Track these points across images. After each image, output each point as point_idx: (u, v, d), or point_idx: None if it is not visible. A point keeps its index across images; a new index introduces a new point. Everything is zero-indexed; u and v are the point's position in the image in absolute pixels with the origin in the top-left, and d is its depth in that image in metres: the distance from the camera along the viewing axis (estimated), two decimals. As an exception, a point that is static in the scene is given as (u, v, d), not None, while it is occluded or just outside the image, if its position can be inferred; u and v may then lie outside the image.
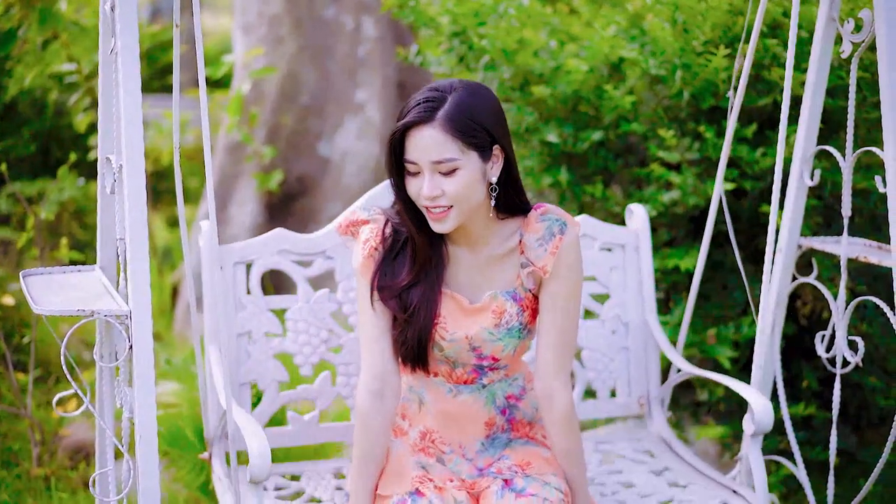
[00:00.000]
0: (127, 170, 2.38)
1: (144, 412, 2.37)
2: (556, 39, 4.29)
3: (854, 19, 2.99)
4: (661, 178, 3.96)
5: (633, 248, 3.48)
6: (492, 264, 2.77)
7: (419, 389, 2.86)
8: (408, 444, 2.84)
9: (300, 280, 3.22)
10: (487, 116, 2.62)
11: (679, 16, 3.91)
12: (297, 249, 3.21)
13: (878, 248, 3.20)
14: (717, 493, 3.09)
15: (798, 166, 3.22)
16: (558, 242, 2.70)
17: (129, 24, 2.41)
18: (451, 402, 2.82)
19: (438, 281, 2.75)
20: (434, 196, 2.59)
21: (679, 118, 4.02)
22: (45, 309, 2.42)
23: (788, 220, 3.27)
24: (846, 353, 3.11)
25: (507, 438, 2.87)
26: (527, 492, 2.66)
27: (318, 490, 3.14)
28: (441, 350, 2.76)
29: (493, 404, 2.84)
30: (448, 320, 2.74)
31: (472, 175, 2.60)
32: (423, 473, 2.74)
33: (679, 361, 3.37)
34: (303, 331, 3.22)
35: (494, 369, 2.82)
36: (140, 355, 2.37)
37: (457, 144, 2.57)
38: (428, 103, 2.59)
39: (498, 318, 2.74)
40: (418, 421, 2.86)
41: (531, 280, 2.76)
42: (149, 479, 2.38)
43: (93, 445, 4.24)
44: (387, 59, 6.08)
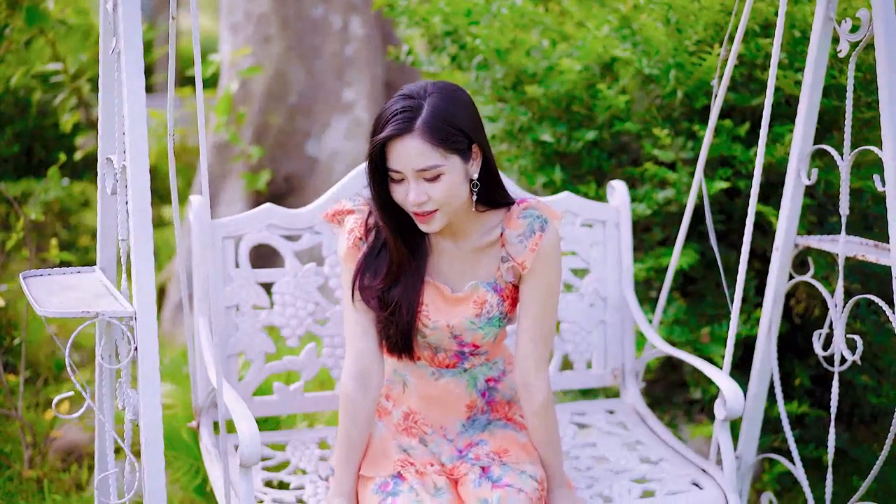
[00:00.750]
0: (131, 170, 2.37)
1: (150, 414, 2.37)
2: (548, 39, 4.29)
3: (851, 19, 3.00)
4: (654, 176, 3.97)
5: (614, 224, 3.55)
6: (474, 255, 2.84)
7: (403, 372, 2.94)
8: (391, 425, 2.92)
9: (288, 254, 3.28)
10: (464, 119, 2.67)
11: (672, 15, 3.92)
12: (285, 224, 3.28)
13: (874, 246, 3.21)
14: (687, 471, 3.17)
15: (795, 165, 3.23)
16: (538, 240, 2.77)
17: (132, 24, 2.40)
18: (434, 385, 2.90)
19: (421, 271, 2.82)
20: (420, 202, 2.65)
21: (672, 117, 4.03)
22: (48, 311, 2.40)
23: (785, 219, 3.28)
24: (844, 351, 3.12)
25: (486, 420, 2.95)
26: (503, 481, 2.72)
27: (303, 461, 3.22)
28: (424, 336, 2.84)
29: (475, 387, 2.93)
30: (430, 308, 2.82)
31: (455, 178, 2.66)
32: (405, 457, 2.82)
33: (654, 338, 3.44)
34: (290, 304, 3.29)
35: (475, 355, 2.90)
36: (145, 356, 2.36)
37: (438, 151, 2.62)
38: (405, 113, 2.62)
39: (479, 308, 2.81)
40: (402, 402, 2.94)
41: (510, 274, 2.83)
42: (155, 481, 2.38)
43: (84, 447, 4.23)
44: (375, 59, 6.07)
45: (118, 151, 2.55)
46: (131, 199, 2.37)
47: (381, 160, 2.68)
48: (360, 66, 5.96)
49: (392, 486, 2.73)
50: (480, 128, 2.73)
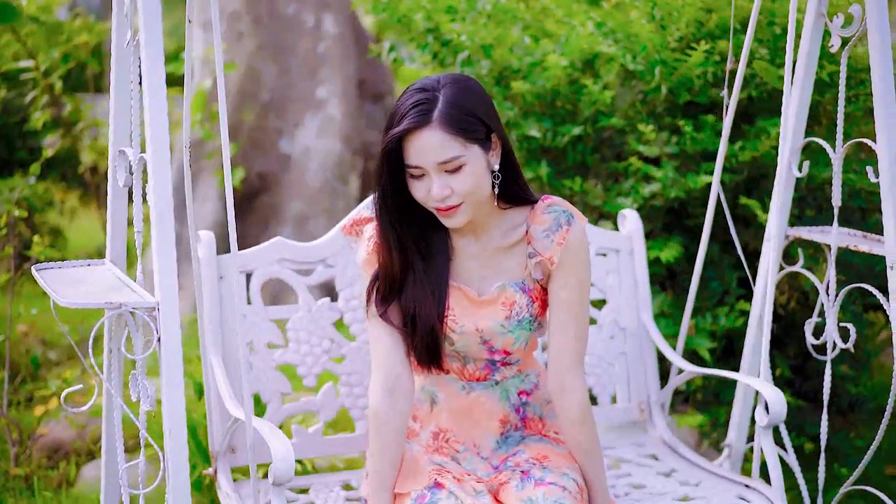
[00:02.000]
0: (153, 161, 2.38)
1: (173, 403, 2.37)
2: (529, 35, 4.34)
3: (844, 14, 3.06)
4: (638, 171, 4.03)
5: (628, 252, 3.51)
6: (498, 256, 2.76)
7: (431, 388, 2.84)
8: (421, 446, 2.82)
9: (301, 289, 3.19)
10: (480, 107, 2.61)
11: (657, 12, 3.98)
12: (296, 258, 3.18)
13: (863, 237, 3.27)
14: (731, 488, 3.12)
15: (786, 158, 3.30)
16: (565, 234, 2.70)
17: (152, 17, 2.40)
18: (465, 399, 2.81)
19: (445, 275, 2.73)
20: (444, 196, 2.58)
21: (655, 113, 4.09)
22: (70, 301, 2.41)
23: (777, 211, 3.34)
24: (837, 339, 3.19)
25: (520, 436, 2.85)
26: (546, 481, 2.63)
27: (329, 502, 3.09)
28: (451, 344, 2.75)
29: (507, 401, 2.83)
30: (457, 313, 2.73)
31: (477, 168, 2.59)
32: (439, 468, 2.71)
33: (680, 363, 3.38)
34: (304, 341, 3.19)
35: (506, 364, 2.81)
36: (168, 346, 2.37)
37: (458, 141, 2.55)
38: (420, 106, 2.56)
39: (508, 310, 2.73)
40: (430, 420, 2.84)
41: (538, 270, 2.74)
42: (179, 472, 2.38)
43: (70, 444, 4.22)
44: (347, 56, 6.09)
45: (134, 144, 2.57)
46: (153, 190, 2.38)
47: (397, 158, 2.61)
48: (333, 64, 5.98)
49: (430, 497, 2.61)
50: (497, 117, 2.67)
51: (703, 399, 4.22)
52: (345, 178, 6.03)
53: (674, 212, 4.14)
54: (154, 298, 2.39)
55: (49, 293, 2.48)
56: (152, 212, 2.39)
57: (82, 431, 4.22)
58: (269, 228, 5.81)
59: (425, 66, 4.53)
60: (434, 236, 2.74)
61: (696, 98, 4.01)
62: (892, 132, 2.94)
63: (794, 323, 4.24)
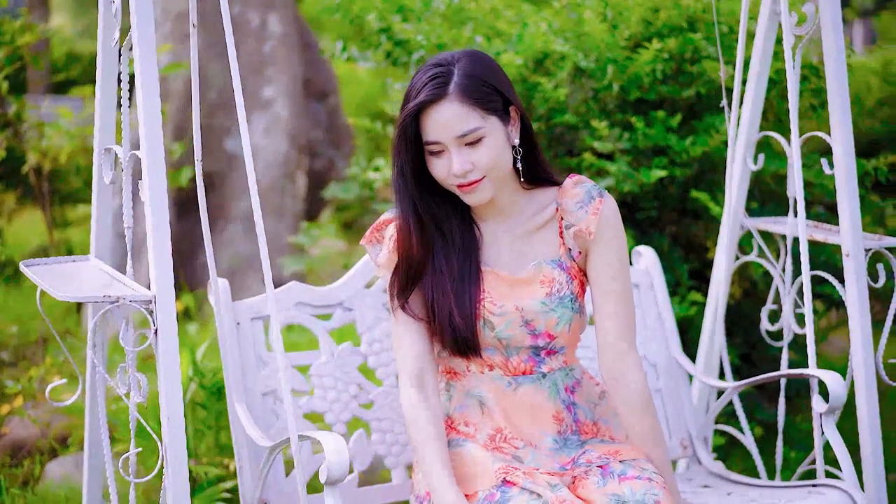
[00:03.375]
0: (148, 158, 2.43)
1: (171, 392, 2.43)
2: (482, 35, 4.44)
3: (797, 13, 3.19)
4: (591, 166, 4.14)
5: (648, 286, 3.43)
6: (530, 237, 2.68)
7: (477, 391, 2.69)
8: (479, 445, 2.65)
9: (321, 334, 3.05)
10: (496, 78, 2.56)
11: (609, 12, 4.11)
12: (313, 302, 3.05)
13: (814, 226, 3.40)
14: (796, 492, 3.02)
15: (742, 152, 3.43)
16: (598, 205, 2.63)
17: (145, 18, 2.46)
18: (512, 396, 2.66)
19: (475, 260, 2.65)
20: (465, 171, 2.51)
21: (607, 110, 4.21)
22: (68, 296, 2.45)
23: (733, 202, 3.47)
24: (794, 325, 3.32)
25: (579, 440, 2.69)
26: (629, 475, 2.52)
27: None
28: (492, 328, 2.62)
29: (557, 396, 2.68)
30: (494, 295, 2.63)
31: (497, 140, 2.54)
32: (506, 465, 2.55)
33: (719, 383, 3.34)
34: (330, 387, 3.05)
35: (551, 353, 2.68)
36: (165, 338, 2.43)
37: (477, 112, 2.50)
38: (437, 79, 2.50)
39: (549, 287, 2.63)
40: (484, 424, 2.68)
41: (576, 242, 2.66)
42: (177, 459, 2.44)
43: (33, 443, 4.24)
44: (293, 56, 6.14)
45: (124, 142, 2.62)
46: (148, 187, 2.43)
47: (415, 137, 2.56)
48: (279, 64, 6.03)
49: (500, 495, 2.48)
50: (514, 90, 2.60)
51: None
52: (292, 176, 6.09)
53: (626, 206, 4.26)
54: (151, 292, 2.45)
55: (45, 289, 2.52)
56: (147, 208, 2.45)
57: (45, 430, 4.23)
58: (218, 226, 5.84)
59: (377, 65, 4.60)
60: (459, 224, 2.67)
61: (645, 95, 4.13)
62: (847, 126, 3.07)
63: (742, 313, 4.39)
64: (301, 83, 6.21)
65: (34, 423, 4.24)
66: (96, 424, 3.00)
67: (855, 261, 3.08)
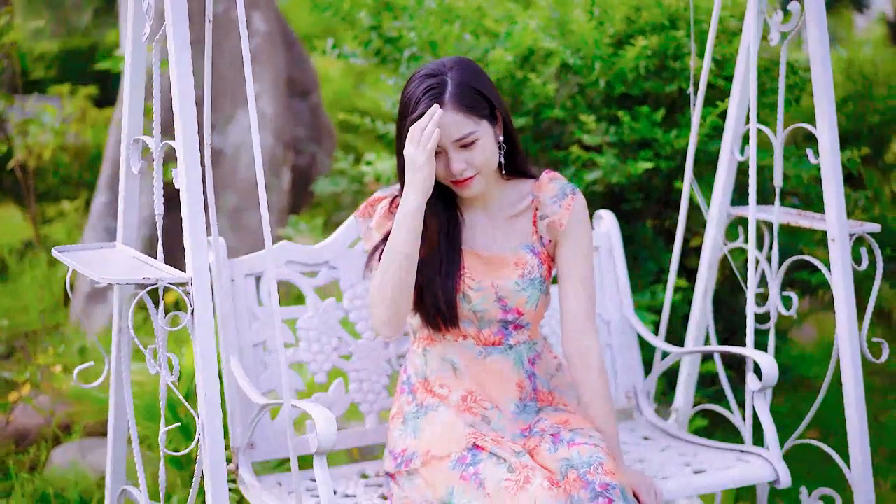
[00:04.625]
0: (183, 147, 2.55)
1: (207, 372, 2.55)
2: (470, 32, 4.59)
3: (783, 11, 3.36)
4: (578, 159, 4.30)
5: (607, 249, 3.69)
6: (507, 223, 3.00)
7: (450, 356, 3.00)
8: (452, 407, 2.96)
9: (308, 290, 3.32)
10: (485, 85, 2.86)
11: (596, 10, 4.27)
12: (302, 260, 3.31)
13: (799, 214, 3.57)
14: (728, 455, 3.32)
15: (729, 143, 3.59)
16: (571, 201, 2.98)
17: (179, 11, 2.59)
18: (483, 364, 2.98)
19: (457, 241, 2.96)
20: (462, 170, 2.82)
21: (593, 105, 4.38)
22: (109, 278, 2.57)
23: (720, 192, 3.64)
24: (780, 307, 3.49)
25: (535, 407, 3.01)
26: (577, 441, 2.82)
27: (350, 488, 3.21)
28: (469, 302, 2.93)
29: (521, 366, 3.01)
30: (472, 272, 2.94)
31: (488, 142, 2.84)
32: (474, 430, 2.88)
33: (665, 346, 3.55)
34: (315, 340, 3.33)
35: (518, 327, 3.00)
36: (201, 319, 2.55)
37: (471, 119, 2.80)
38: (432, 91, 2.80)
39: (521, 269, 2.95)
40: (457, 385, 2.98)
41: (548, 232, 2.99)
42: (214, 435, 2.55)
43: (36, 431, 4.34)
44: (276, 54, 6.25)
45: (155, 133, 2.74)
46: (183, 174, 2.55)
47: None
48: (263, 61, 6.14)
49: (471, 458, 2.79)
50: (498, 94, 2.90)
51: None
52: (277, 171, 6.20)
53: (612, 197, 4.42)
54: (187, 274, 2.57)
55: (85, 273, 2.63)
56: (183, 195, 2.57)
57: (49, 418, 4.33)
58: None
59: (368, 62, 4.73)
60: (445, 208, 2.96)
61: (630, 90, 4.30)
62: (832, 118, 3.24)
63: (722, 299, 4.56)
64: (284, 80, 6.33)
65: (40, 413, 4.33)
66: (122, 405, 3.11)
67: (840, 245, 3.25)
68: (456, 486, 2.77)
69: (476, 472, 2.75)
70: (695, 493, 3.12)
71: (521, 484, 2.67)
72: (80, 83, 7.17)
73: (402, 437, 2.99)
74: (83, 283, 5.78)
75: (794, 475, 4.44)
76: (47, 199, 7.24)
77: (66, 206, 6.53)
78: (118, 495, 3.15)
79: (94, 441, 4.25)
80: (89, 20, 14.05)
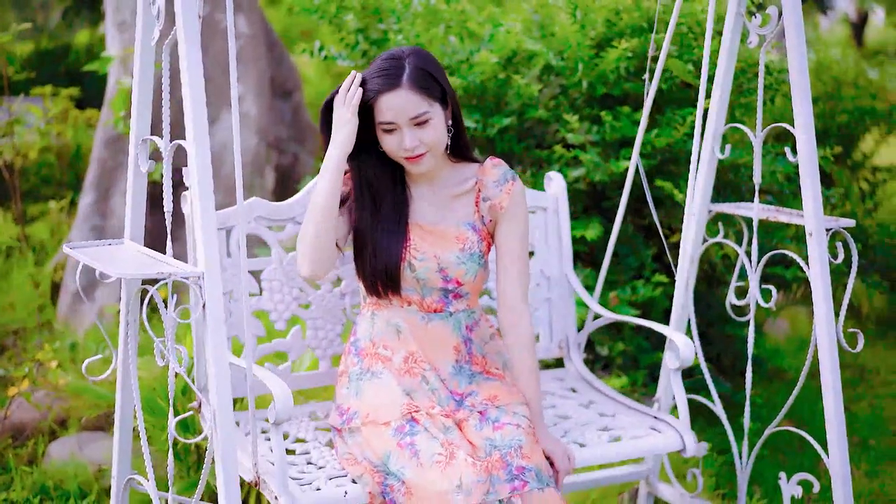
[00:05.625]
0: (195, 147, 2.65)
1: (219, 362, 2.65)
2: (455, 35, 4.71)
3: (762, 15, 3.49)
4: (561, 157, 4.44)
5: (554, 210, 3.91)
6: (451, 201, 3.26)
7: (395, 321, 3.27)
8: (394, 370, 3.22)
9: (274, 244, 3.55)
10: (438, 72, 3.14)
11: (578, 13, 4.41)
12: (270, 216, 3.53)
13: (777, 210, 3.71)
14: (643, 420, 3.59)
15: (710, 142, 3.72)
16: (511, 186, 3.25)
17: (191, 15, 2.68)
18: (425, 328, 3.26)
19: (405, 216, 3.23)
20: (414, 146, 3.08)
21: (575, 105, 4.51)
22: (124, 273, 2.68)
23: (701, 189, 3.76)
24: (760, 300, 3.62)
25: (469, 370, 3.28)
26: (501, 421, 3.10)
27: (301, 432, 3.47)
28: (413, 270, 3.20)
29: (459, 332, 3.28)
30: (417, 243, 3.21)
31: (439, 122, 3.12)
32: (409, 401, 3.14)
33: (598, 309, 3.84)
34: (277, 290, 3.57)
35: (458, 296, 3.27)
36: (213, 311, 2.65)
37: (425, 99, 3.07)
38: (391, 70, 3.07)
39: (462, 244, 3.22)
40: (400, 347, 3.25)
41: (489, 213, 3.25)
42: (225, 422, 2.66)
43: (33, 426, 4.42)
44: (260, 56, 6.34)
45: (165, 133, 2.85)
46: (196, 173, 2.65)
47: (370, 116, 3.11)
48: (247, 63, 6.22)
49: (408, 428, 3.04)
50: (449, 83, 3.18)
51: (623, 363, 4.64)
52: (261, 171, 6.30)
53: (594, 194, 4.55)
54: (200, 268, 2.67)
55: (99, 268, 2.73)
56: (194, 192, 2.67)
57: (46, 412, 4.42)
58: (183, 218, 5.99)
59: (355, 63, 4.85)
60: (393, 183, 3.25)
61: (611, 91, 4.44)
62: (809, 117, 3.37)
63: (699, 293, 4.70)
64: (268, 81, 6.42)
65: (37, 408, 4.42)
66: (129, 396, 3.20)
67: (818, 239, 3.37)
68: (393, 452, 3.01)
69: (412, 441, 3.01)
70: (608, 460, 3.38)
71: (448, 459, 2.94)
72: (55, 84, 7.22)
73: (347, 396, 3.24)
74: (70, 282, 5.86)
75: (770, 463, 4.63)
76: (28, 199, 7.31)
77: (52, 206, 6.59)
78: (124, 484, 3.25)
79: (90, 435, 4.34)
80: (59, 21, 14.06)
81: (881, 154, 8.18)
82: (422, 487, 2.91)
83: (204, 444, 3.85)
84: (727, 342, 4.83)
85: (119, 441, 3.28)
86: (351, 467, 3.09)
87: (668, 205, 4.53)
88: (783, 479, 3.58)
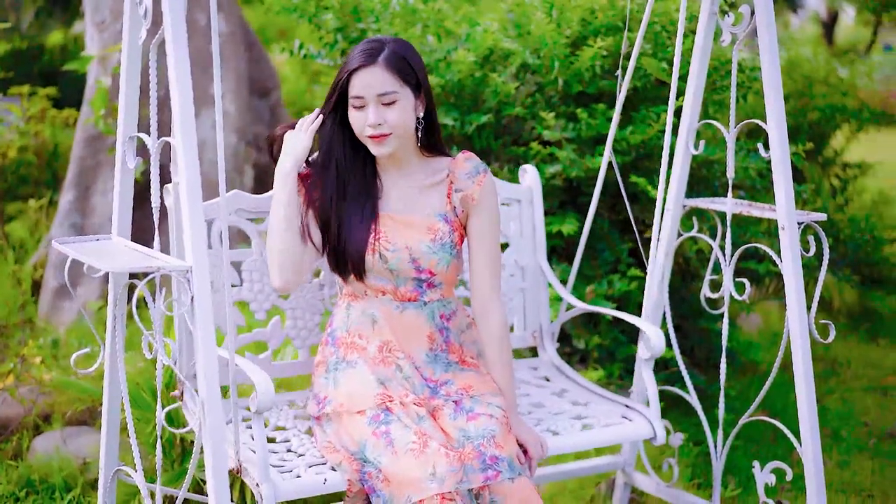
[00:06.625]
0: (182, 145, 2.70)
1: (208, 353, 2.71)
2: (432, 34, 4.78)
3: (734, 14, 3.57)
4: (538, 154, 4.51)
5: (528, 202, 4.01)
6: (423, 192, 3.32)
7: (371, 311, 3.33)
8: (369, 359, 3.29)
9: (254, 235, 3.62)
10: (416, 63, 3.23)
11: (554, 12, 4.49)
12: (250, 208, 3.60)
13: (750, 205, 3.79)
14: (615, 409, 3.68)
15: (685, 138, 3.80)
16: (482, 178, 3.32)
17: (177, 15, 2.74)
18: (399, 317, 3.31)
19: (375, 205, 3.29)
20: (378, 123, 3.15)
21: (551, 102, 4.58)
22: (114, 267, 2.73)
23: (676, 184, 3.84)
24: (734, 292, 3.71)
25: (445, 359, 3.35)
26: (475, 411, 3.17)
27: (281, 420, 3.53)
28: (386, 262, 3.25)
29: (433, 321, 3.34)
30: (389, 233, 3.26)
31: (407, 106, 3.18)
32: (384, 391, 3.21)
33: (571, 299, 3.92)
34: (257, 280, 3.63)
35: (432, 286, 3.33)
36: (201, 304, 2.71)
37: (397, 81, 3.15)
38: (370, 50, 3.17)
39: (433, 234, 3.27)
40: (375, 336, 3.32)
41: (461, 204, 3.31)
42: (214, 413, 2.72)
43: (17, 421, 4.46)
44: (238, 55, 6.39)
45: (153, 130, 2.91)
46: (184, 169, 2.70)
47: (345, 91, 3.19)
48: (226, 62, 6.27)
49: (383, 417, 3.11)
50: (427, 79, 3.26)
51: (599, 357, 4.72)
52: (240, 168, 6.36)
53: (570, 190, 4.63)
54: (188, 263, 2.73)
55: (90, 263, 2.79)
56: (182, 188, 2.73)
57: (30, 407, 4.47)
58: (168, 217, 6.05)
59: (335, 63, 4.91)
60: (363, 172, 3.31)
61: (586, 89, 4.51)
62: (781, 113, 3.45)
63: (673, 287, 4.79)
64: (246, 80, 6.47)
65: (21, 403, 4.46)
66: (116, 390, 3.26)
67: (790, 233, 3.46)
68: (368, 441, 3.07)
69: (387, 430, 3.07)
70: (581, 448, 3.46)
71: (421, 448, 3.00)
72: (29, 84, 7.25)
73: (325, 386, 3.30)
74: (51, 279, 5.90)
75: (744, 452, 4.71)
76: (7, 198, 7.33)
77: (31, 204, 6.63)
78: (112, 476, 3.30)
79: (74, 429, 4.38)
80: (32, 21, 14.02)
81: (851, 151, 8.31)
82: (398, 474, 2.97)
83: (189, 437, 3.91)
84: (701, 335, 4.92)
85: (107, 433, 3.34)
86: (330, 455, 3.16)
87: (643, 200, 4.61)
88: (757, 468, 3.66)
